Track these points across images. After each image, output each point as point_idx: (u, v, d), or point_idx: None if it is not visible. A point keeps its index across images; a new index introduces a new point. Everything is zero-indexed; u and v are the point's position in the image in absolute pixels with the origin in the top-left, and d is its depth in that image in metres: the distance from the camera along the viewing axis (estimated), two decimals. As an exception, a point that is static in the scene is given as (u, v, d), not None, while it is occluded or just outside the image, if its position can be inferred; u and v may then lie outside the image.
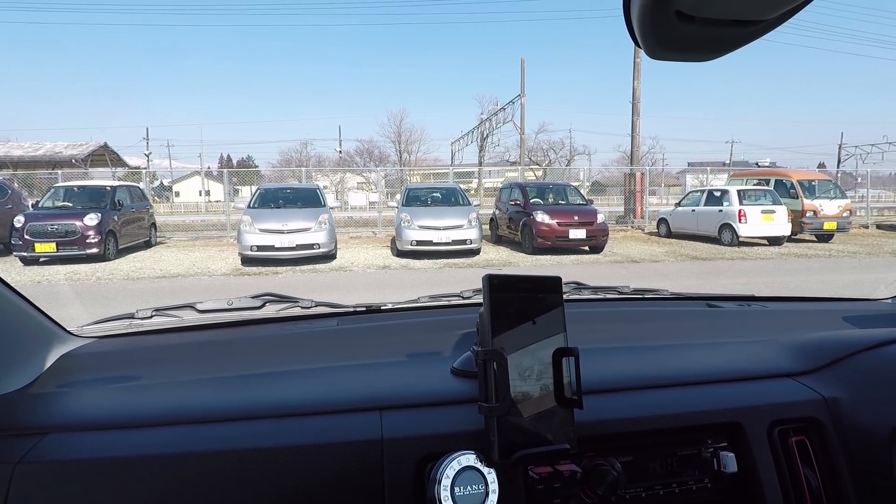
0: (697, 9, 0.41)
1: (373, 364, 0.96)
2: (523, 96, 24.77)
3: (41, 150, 25.06)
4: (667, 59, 0.48)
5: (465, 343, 1.02)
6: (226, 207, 16.11)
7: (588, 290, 1.40)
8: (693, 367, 0.96)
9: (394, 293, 6.56)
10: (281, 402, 0.80)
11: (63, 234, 9.78)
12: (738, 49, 0.47)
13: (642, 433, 0.82)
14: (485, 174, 36.27)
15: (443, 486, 0.69)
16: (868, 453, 0.83)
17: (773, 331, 1.13)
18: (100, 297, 7.01)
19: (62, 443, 0.72)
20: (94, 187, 11.66)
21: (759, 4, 0.41)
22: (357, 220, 20.00)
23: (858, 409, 0.86)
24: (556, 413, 0.73)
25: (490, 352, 0.71)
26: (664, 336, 1.14)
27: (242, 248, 9.55)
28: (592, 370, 0.84)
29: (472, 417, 0.73)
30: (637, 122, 18.19)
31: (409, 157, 46.39)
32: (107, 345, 1.06)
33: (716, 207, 12.89)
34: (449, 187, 12.61)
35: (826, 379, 0.92)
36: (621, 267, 9.71)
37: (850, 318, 1.24)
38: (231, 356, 1.02)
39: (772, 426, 0.85)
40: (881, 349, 0.94)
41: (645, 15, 0.42)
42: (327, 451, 0.72)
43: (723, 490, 0.84)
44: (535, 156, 40.71)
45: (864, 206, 19.47)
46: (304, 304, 1.23)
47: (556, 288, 0.78)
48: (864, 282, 7.78)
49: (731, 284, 7.67)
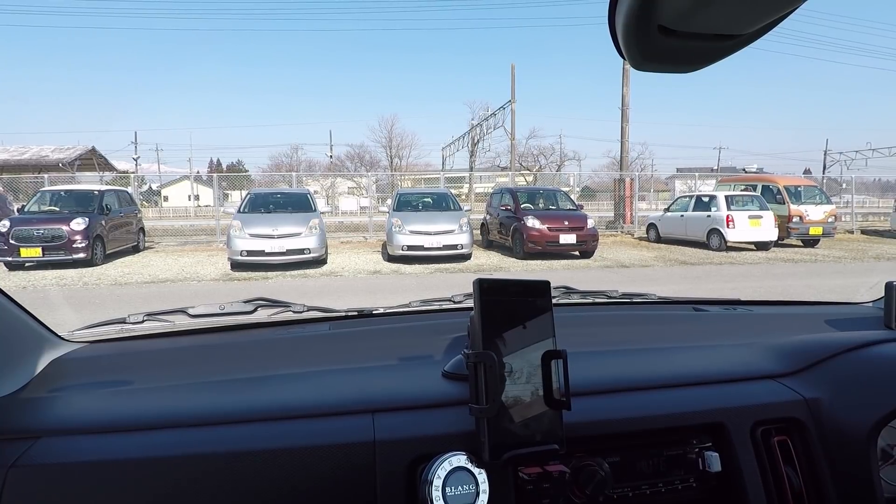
0: (679, 23, 0.43)
1: (365, 367, 0.97)
2: (514, 102, 24.88)
3: (27, 153, 24.80)
4: (650, 70, 0.49)
5: (456, 346, 1.03)
6: (215, 212, 16.01)
7: (577, 295, 1.42)
8: (679, 369, 0.97)
9: (385, 298, 6.55)
10: (273, 406, 0.81)
11: (49, 239, 9.65)
12: (721, 60, 0.49)
13: (629, 434, 0.84)
14: (475, 179, 36.29)
15: (434, 487, 0.70)
16: (847, 452, 0.85)
17: (757, 334, 1.15)
18: (87, 303, 6.93)
19: (54, 447, 0.72)
20: (82, 191, 11.53)
21: (738, 19, 0.42)
22: (348, 224, 19.93)
23: (838, 409, 0.88)
24: (545, 414, 0.74)
25: (481, 354, 0.72)
26: (652, 339, 1.15)
27: (232, 253, 9.48)
28: (581, 372, 0.86)
29: (463, 419, 0.75)
30: (626, 128, 18.33)
31: (400, 162, 46.38)
32: (98, 349, 1.06)
33: (704, 213, 13.01)
34: (440, 192, 12.61)
35: (807, 380, 0.94)
36: (611, 271, 9.76)
37: (833, 321, 1.27)
38: (223, 360, 1.03)
39: (755, 426, 0.87)
40: (860, 351, 0.97)
41: (629, 29, 0.44)
42: (320, 453, 0.73)
43: (708, 489, 0.85)
44: (526, 161, 40.88)
45: (848, 212, 19.76)
46: (295, 308, 1.23)
47: (545, 292, 0.79)
48: (849, 286, 7.89)
49: (718, 289, 7.73)
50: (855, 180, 20.85)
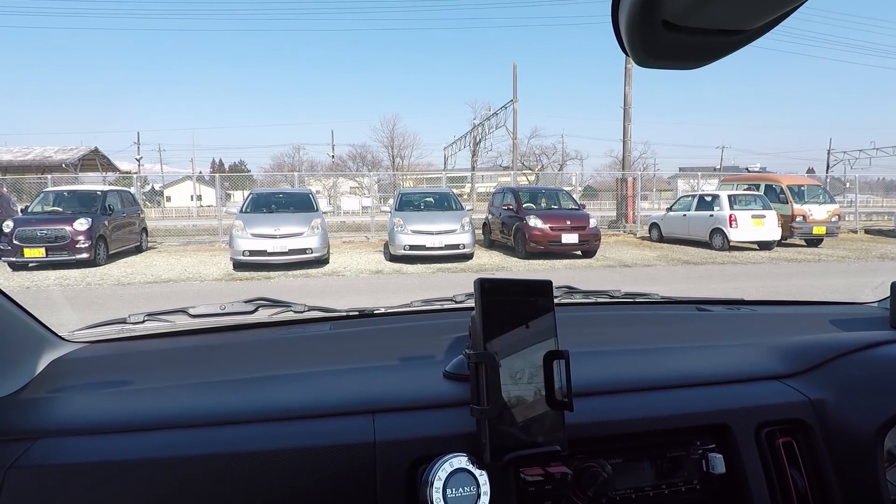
0: (683, 18, 0.42)
1: (365, 368, 0.97)
2: (516, 101, 24.87)
3: (31, 154, 24.88)
4: (654, 66, 0.49)
5: (457, 347, 1.03)
6: (218, 212, 16.04)
7: (580, 294, 1.41)
8: (682, 369, 0.97)
9: (387, 297, 6.55)
10: (274, 406, 0.81)
11: (52, 239, 9.68)
12: (725, 57, 0.48)
13: (632, 435, 0.83)
14: (477, 179, 36.35)
15: (435, 488, 0.69)
16: (853, 454, 0.84)
17: (761, 334, 1.14)
18: (90, 303, 6.95)
19: (54, 447, 0.72)
20: (85, 192, 11.57)
21: (744, 14, 0.42)
22: (350, 224, 19.96)
23: (843, 410, 0.88)
24: (546, 415, 0.74)
25: (482, 355, 0.71)
26: (654, 339, 1.15)
27: (234, 253, 9.50)
28: (583, 373, 0.85)
29: (464, 420, 0.74)
30: (629, 128, 18.31)
31: (401, 162, 46.42)
32: (99, 349, 1.05)
33: (707, 212, 12.99)
34: (442, 192, 12.61)
35: (812, 381, 0.93)
36: (613, 271, 9.75)
37: (837, 321, 1.26)
38: (224, 360, 1.02)
39: (759, 428, 0.87)
40: (866, 352, 0.96)
41: (632, 24, 0.43)
42: (320, 454, 0.72)
43: (711, 491, 0.85)
44: (528, 160, 40.88)
45: (852, 211, 19.67)
46: (296, 308, 1.23)
47: (547, 292, 0.79)
48: (853, 286, 7.87)
49: (721, 288, 7.71)
50: (858, 179, 20.84)
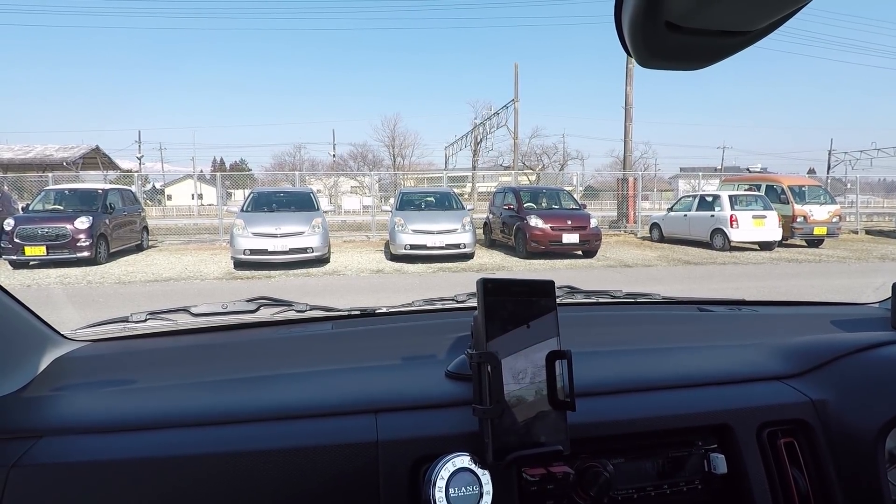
0: (686, 19, 0.42)
1: (368, 367, 0.97)
2: (517, 101, 24.87)
3: (32, 152, 24.88)
4: (657, 67, 0.49)
5: (459, 346, 1.03)
6: (218, 211, 16.03)
7: (581, 294, 1.41)
8: (684, 370, 0.97)
9: (388, 297, 6.55)
10: (276, 405, 0.81)
11: (53, 238, 9.69)
12: (728, 58, 0.48)
13: (634, 435, 0.83)
14: (478, 178, 36.37)
15: (437, 488, 0.69)
16: (854, 454, 0.84)
17: (762, 334, 1.14)
18: (91, 301, 6.95)
19: (57, 446, 0.72)
20: (86, 190, 11.57)
21: (746, 16, 0.42)
22: (351, 223, 19.96)
23: (845, 411, 0.88)
24: (549, 415, 0.74)
25: (484, 354, 0.71)
26: (656, 339, 1.15)
27: (235, 252, 9.50)
28: (585, 373, 0.85)
29: (467, 420, 0.74)
30: (630, 128, 18.30)
31: (402, 162, 46.43)
32: (101, 348, 1.06)
33: (707, 212, 12.98)
34: (443, 191, 12.61)
35: (814, 382, 0.93)
36: (614, 271, 9.74)
37: (839, 321, 1.26)
38: (226, 359, 1.03)
39: (761, 428, 0.87)
40: (868, 352, 0.96)
41: (635, 25, 0.43)
42: (323, 453, 0.72)
43: (713, 491, 0.85)
44: (529, 160, 40.85)
45: (853, 212, 19.64)
46: (298, 307, 1.23)
47: (549, 292, 0.79)
48: (853, 286, 7.86)
49: (722, 289, 7.71)
50: (859, 180, 20.79)
